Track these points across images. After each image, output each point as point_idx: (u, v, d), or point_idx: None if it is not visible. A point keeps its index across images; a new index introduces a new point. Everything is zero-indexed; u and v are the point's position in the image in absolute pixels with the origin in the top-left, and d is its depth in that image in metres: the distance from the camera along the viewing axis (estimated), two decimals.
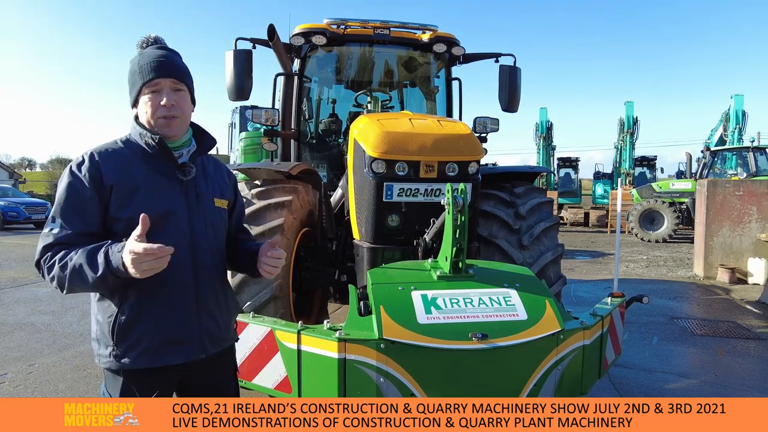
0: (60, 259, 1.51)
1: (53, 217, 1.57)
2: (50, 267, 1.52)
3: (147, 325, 1.60)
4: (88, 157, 1.59)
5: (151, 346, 1.61)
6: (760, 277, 8.10)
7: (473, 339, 2.19)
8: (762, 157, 14.58)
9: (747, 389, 4.04)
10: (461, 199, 2.49)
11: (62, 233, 1.55)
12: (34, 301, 6.91)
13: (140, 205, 1.57)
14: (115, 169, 1.59)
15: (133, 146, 1.67)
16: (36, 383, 4.06)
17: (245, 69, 4.12)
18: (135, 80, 1.66)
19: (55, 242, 1.54)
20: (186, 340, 1.67)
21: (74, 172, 1.58)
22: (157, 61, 1.65)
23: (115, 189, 1.58)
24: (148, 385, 1.65)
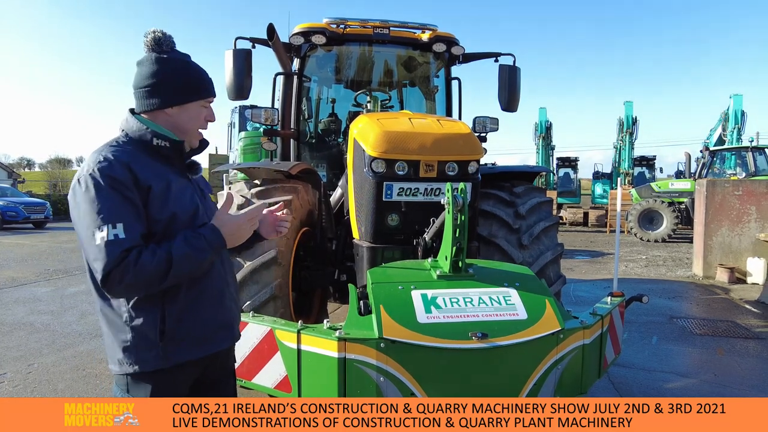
0: (150, 258, 1.48)
1: (111, 224, 1.46)
2: (140, 269, 1.46)
3: (196, 317, 1.65)
4: (114, 160, 1.53)
5: (204, 335, 1.68)
6: (759, 276, 8.11)
7: (473, 338, 2.20)
8: (761, 157, 14.60)
9: (746, 388, 4.04)
10: (461, 199, 2.49)
11: (131, 237, 1.49)
12: (33, 301, 6.90)
13: (175, 204, 1.61)
14: (145, 170, 1.58)
15: (142, 146, 1.64)
16: (35, 383, 4.05)
17: (245, 68, 4.11)
18: (188, 91, 1.69)
19: (128, 246, 1.47)
20: (229, 324, 1.80)
21: (110, 175, 1.51)
22: (209, 80, 1.77)
23: (152, 190, 1.57)
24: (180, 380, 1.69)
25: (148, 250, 1.50)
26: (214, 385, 1.85)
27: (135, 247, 1.49)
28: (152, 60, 1.66)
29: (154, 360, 1.59)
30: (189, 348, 1.64)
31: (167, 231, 1.58)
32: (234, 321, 1.84)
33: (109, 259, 1.44)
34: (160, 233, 1.57)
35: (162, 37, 1.67)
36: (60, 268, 9.52)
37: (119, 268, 1.45)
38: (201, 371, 1.77)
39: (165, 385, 1.64)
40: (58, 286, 7.81)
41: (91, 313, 5.99)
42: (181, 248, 1.53)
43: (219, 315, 1.73)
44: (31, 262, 10.40)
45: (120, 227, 1.47)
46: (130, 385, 1.63)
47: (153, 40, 1.66)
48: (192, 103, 1.71)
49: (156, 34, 1.67)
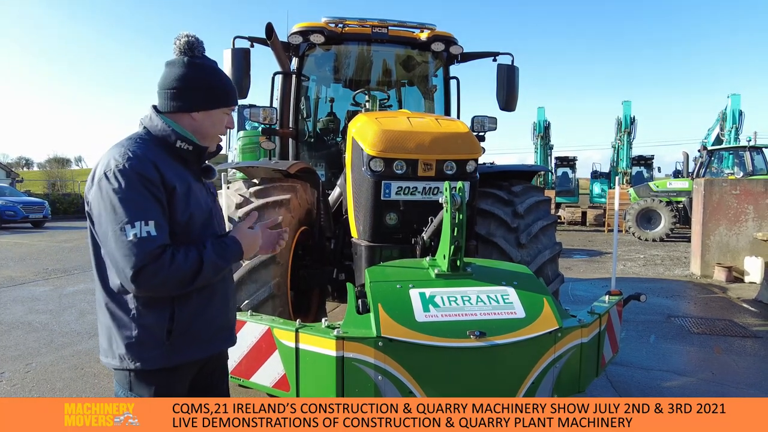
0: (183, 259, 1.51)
1: (144, 221, 1.46)
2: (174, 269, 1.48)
3: (203, 319, 1.68)
4: (143, 157, 1.53)
5: (207, 336, 1.70)
6: (757, 275, 8.12)
7: (471, 337, 2.20)
8: (758, 157, 14.63)
9: (744, 387, 4.06)
10: (459, 198, 2.49)
11: (162, 235, 1.50)
12: (32, 300, 6.89)
13: (194, 206, 1.64)
14: (169, 171, 1.59)
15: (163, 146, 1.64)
16: (33, 382, 4.05)
17: (243, 68, 4.11)
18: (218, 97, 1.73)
19: (161, 244, 1.49)
20: (230, 327, 1.84)
21: (140, 173, 1.50)
22: (234, 89, 1.81)
23: (176, 191, 1.58)
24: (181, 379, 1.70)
25: (180, 251, 1.52)
26: (209, 385, 1.86)
27: (168, 246, 1.51)
28: (184, 63, 1.68)
29: (158, 358, 1.60)
30: (193, 349, 1.66)
31: (185, 233, 1.61)
32: (233, 324, 1.88)
33: (143, 255, 1.45)
34: (179, 235, 1.59)
35: (195, 42, 1.70)
36: (58, 268, 9.50)
37: (153, 265, 1.46)
38: (197, 370, 1.77)
39: (168, 383, 1.65)
40: (56, 286, 7.80)
41: (90, 313, 5.99)
42: (210, 255, 1.58)
43: (224, 317, 1.78)
44: (29, 261, 10.38)
45: (152, 224, 1.48)
46: (133, 382, 1.63)
47: (186, 43, 1.68)
48: (217, 110, 1.73)
49: (189, 39, 1.69)
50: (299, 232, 3.67)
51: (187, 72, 1.67)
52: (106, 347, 1.64)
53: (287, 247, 3.43)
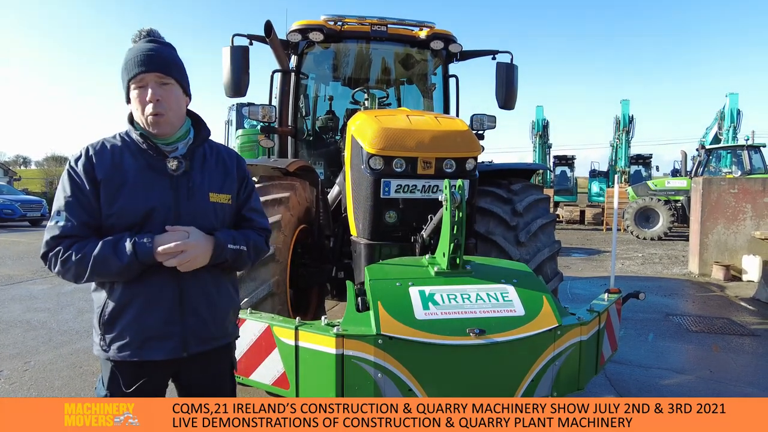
0: (77, 250, 1.57)
1: (58, 211, 1.60)
2: (65, 259, 1.57)
3: (129, 320, 1.64)
4: (84, 152, 1.65)
5: (134, 340, 1.64)
6: (755, 274, 8.14)
7: (471, 334, 2.20)
8: (756, 156, 14.68)
9: (742, 385, 4.07)
10: (459, 195, 2.49)
11: (68, 225, 1.59)
12: (30, 299, 6.87)
13: (126, 200, 1.63)
14: (106, 163, 1.64)
15: (128, 140, 1.70)
16: (32, 381, 4.04)
17: (242, 65, 4.10)
18: (123, 76, 1.66)
19: (62, 234, 1.59)
20: (166, 338, 1.66)
21: (72, 167, 1.63)
22: (143, 55, 1.61)
23: (103, 184, 1.62)
24: (133, 377, 1.68)
25: (79, 244, 1.58)
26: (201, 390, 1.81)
27: (71, 237, 1.59)
28: None
29: (98, 346, 1.68)
30: (120, 347, 1.64)
31: (116, 225, 1.63)
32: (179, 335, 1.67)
33: (45, 244, 1.60)
34: (108, 226, 1.63)
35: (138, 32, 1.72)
36: None
37: (52, 254, 1.59)
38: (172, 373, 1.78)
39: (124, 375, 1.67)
40: (54, 284, 7.78)
41: (88, 311, 5.97)
42: (103, 250, 1.57)
43: (153, 324, 1.64)
44: (27, 259, 10.35)
45: (63, 216, 1.60)
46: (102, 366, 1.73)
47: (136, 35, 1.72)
48: (128, 92, 1.67)
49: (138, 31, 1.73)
50: (298, 230, 3.67)
51: None
52: None
53: (286, 246, 3.43)
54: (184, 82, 1.73)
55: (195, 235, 1.64)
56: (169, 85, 1.65)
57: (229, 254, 1.72)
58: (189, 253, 1.61)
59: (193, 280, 1.68)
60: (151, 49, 1.64)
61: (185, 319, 1.67)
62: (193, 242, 1.62)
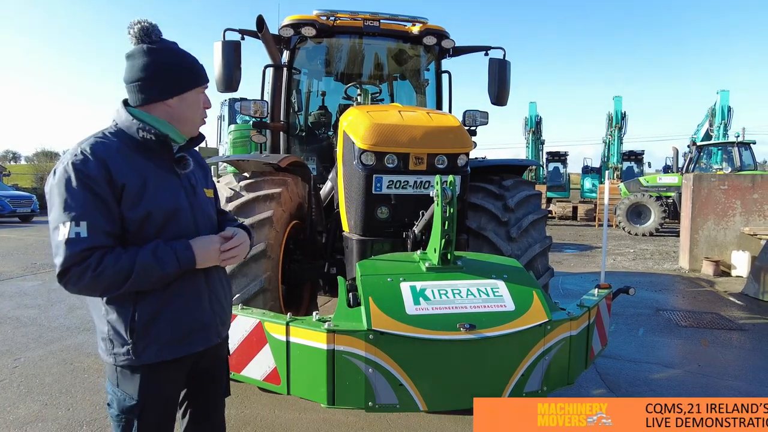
0: (113, 262, 1.46)
1: (75, 220, 1.43)
2: (99, 272, 1.44)
3: (168, 318, 1.61)
4: (90, 154, 1.50)
5: (175, 337, 1.63)
6: (743, 269, 8.24)
7: (461, 329, 2.21)
8: (746, 152, 14.83)
9: (729, 379, 4.12)
10: (450, 191, 2.50)
11: (94, 236, 1.45)
12: (20, 295, 6.82)
13: (151, 202, 1.56)
14: (122, 165, 1.53)
15: (126, 139, 1.60)
16: (22, 377, 4.02)
17: (234, 60, 4.08)
18: (184, 79, 1.65)
19: (90, 246, 1.44)
20: (205, 327, 1.72)
21: (82, 170, 1.47)
22: (202, 66, 1.73)
23: (126, 188, 1.52)
24: (170, 376, 1.67)
25: (112, 254, 1.47)
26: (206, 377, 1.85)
27: (99, 248, 1.46)
28: (144, 51, 1.61)
29: (126, 356, 1.58)
30: (160, 349, 1.60)
31: (142, 230, 1.55)
32: (213, 323, 1.76)
33: (68, 257, 1.43)
34: (133, 232, 1.55)
35: (149, 27, 1.62)
36: (47, 262, 9.41)
37: (79, 268, 1.43)
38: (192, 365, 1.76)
39: (151, 380, 1.62)
40: (45, 280, 7.72)
41: (80, 307, 5.94)
42: (146, 258, 1.50)
43: (194, 317, 1.68)
44: (17, 256, 10.26)
45: (84, 225, 1.44)
46: (119, 378, 1.62)
47: (141, 30, 1.61)
48: (190, 92, 1.68)
49: (143, 25, 1.61)
50: (290, 226, 3.66)
51: (151, 59, 1.60)
52: (98, 341, 1.66)
53: (278, 242, 3.42)
54: None
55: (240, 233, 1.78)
56: None
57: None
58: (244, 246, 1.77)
59: (215, 270, 1.77)
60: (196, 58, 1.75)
61: (214, 308, 1.75)
62: (244, 237, 1.78)
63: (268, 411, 3.43)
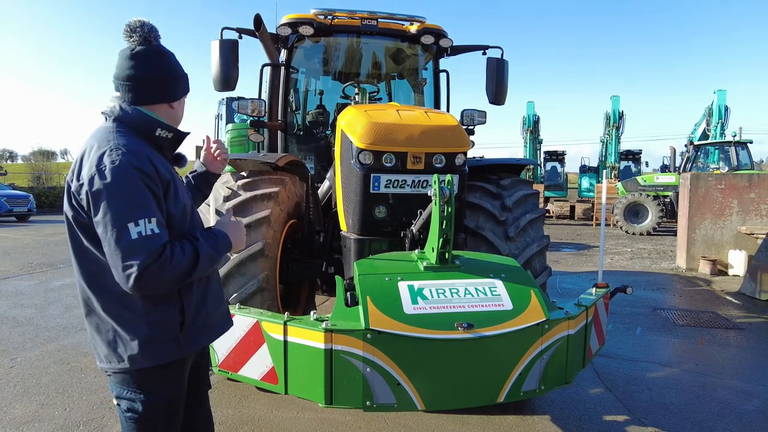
0: (182, 254, 1.49)
1: (147, 218, 1.42)
2: (175, 264, 1.46)
3: (207, 307, 1.73)
4: (135, 153, 1.48)
5: (215, 323, 1.78)
6: (740, 268, 8.26)
7: (459, 329, 2.21)
8: (743, 152, 14.86)
9: (725, 377, 4.13)
10: (448, 190, 2.49)
11: (162, 230, 1.47)
12: (16, 295, 6.80)
13: (182, 198, 1.65)
14: (160, 164, 1.58)
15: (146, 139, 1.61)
16: (18, 377, 4.00)
17: (231, 59, 4.07)
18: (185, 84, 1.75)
19: (163, 242, 1.45)
20: (228, 311, 1.93)
21: (141, 169, 1.46)
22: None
23: (170, 184, 1.59)
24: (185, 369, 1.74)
25: (177, 246, 1.51)
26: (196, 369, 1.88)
27: (167, 244, 1.47)
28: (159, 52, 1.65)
29: (171, 352, 1.61)
30: (202, 336, 1.73)
31: (179, 226, 1.62)
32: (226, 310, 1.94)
33: (148, 254, 1.40)
34: (175, 228, 1.59)
35: (154, 28, 1.66)
36: (44, 262, 9.38)
37: (157, 264, 1.42)
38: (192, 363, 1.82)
39: (176, 375, 1.69)
40: (42, 280, 7.70)
41: (76, 307, 5.92)
42: (204, 247, 1.59)
43: (222, 303, 1.86)
44: (14, 255, 10.23)
45: (155, 222, 1.44)
46: (139, 381, 1.60)
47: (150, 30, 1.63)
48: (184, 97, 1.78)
49: (146, 25, 1.63)
50: (288, 225, 3.66)
51: (165, 61, 1.66)
52: (107, 352, 1.57)
53: (276, 241, 3.42)
54: None
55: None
56: None
57: None
58: None
59: None
60: None
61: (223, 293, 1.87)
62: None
63: (266, 410, 3.43)
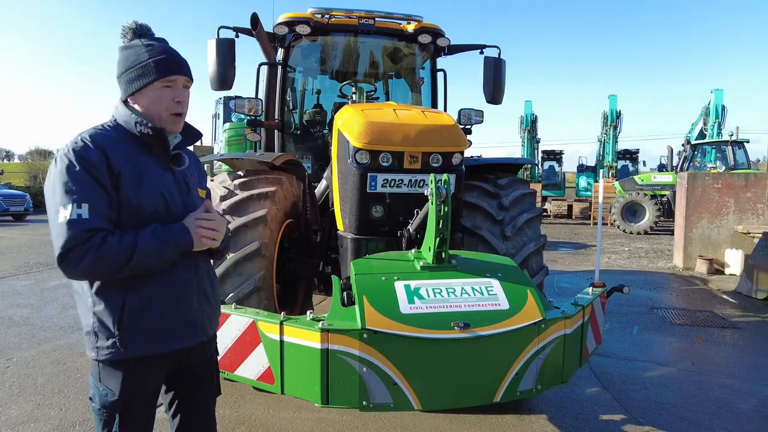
0: (116, 242, 1.48)
1: (77, 202, 1.46)
2: (103, 252, 1.46)
3: (157, 311, 1.61)
4: (89, 141, 1.54)
5: (163, 330, 1.63)
6: (737, 267, 8.29)
7: (455, 328, 2.21)
8: (740, 151, 14.92)
9: (722, 376, 4.14)
10: (444, 190, 2.49)
11: (96, 219, 1.47)
12: (12, 295, 6.77)
13: (145, 194, 1.60)
14: (119, 155, 1.57)
15: (124, 133, 1.64)
16: (14, 377, 3.99)
17: (228, 58, 4.06)
18: (144, 72, 1.65)
19: (92, 227, 1.46)
20: (194, 323, 1.72)
21: (83, 156, 1.50)
22: (174, 57, 1.69)
23: (123, 176, 1.55)
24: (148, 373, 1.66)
25: (114, 235, 1.50)
26: (194, 376, 1.84)
27: (100, 230, 1.48)
28: (127, 46, 1.69)
29: (110, 350, 1.57)
30: (146, 342, 1.60)
31: (135, 220, 1.58)
32: (200, 320, 1.75)
33: (70, 238, 1.44)
34: (127, 222, 1.57)
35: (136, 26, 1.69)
36: (40, 261, 9.34)
37: (80, 248, 1.45)
38: (175, 363, 1.75)
39: (134, 376, 1.62)
40: (38, 280, 7.67)
41: (73, 307, 5.90)
42: (147, 239, 1.53)
43: (182, 312, 1.67)
44: (10, 255, 10.19)
45: (85, 207, 1.47)
46: (101, 373, 1.63)
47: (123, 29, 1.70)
48: (148, 87, 1.65)
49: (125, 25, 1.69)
50: (285, 224, 3.65)
51: (119, 57, 1.68)
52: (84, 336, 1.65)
53: (273, 240, 3.41)
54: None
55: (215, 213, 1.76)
56: (188, 88, 1.75)
57: (227, 237, 1.85)
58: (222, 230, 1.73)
59: (202, 265, 1.77)
60: (177, 52, 1.72)
61: (201, 304, 1.75)
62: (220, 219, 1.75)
63: (262, 410, 3.42)
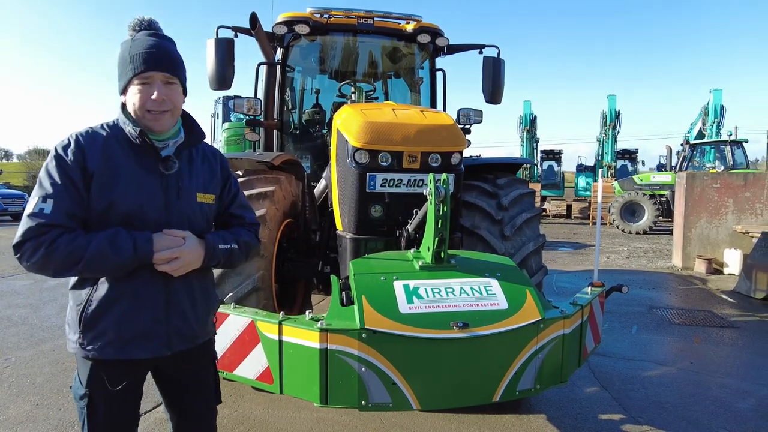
0: (68, 241, 1.47)
1: (44, 197, 1.48)
2: (52, 249, 1.46)
3: (113, 319, 1.58)
4: (73, 141, 1.56)
5: (117, 339, 1.59)
6: (735, 267, 8.30)
7: (454, 328, 2.21)
8: (739, 151, 14.95)
9: (720, 376, 4.15)
10: (443, 189, 2.49)
11: (57, 214, 1.48)
12: (11, 294, 6.76)
13: (118, 196, 1.57)
14: (98, 155, 1.56)
15: (119, 133, 1.64)
16: (12, 377, 3.98)
17: (227, 58, 4.06)
18: (125, 69, 1.61)
19: (50, 222, 1.47)
20: (151, 337, 1.64)
21: (60, 154, 1.53)
22: (150, 52, 1.60)
23: (95, 177, 1.54)
24: (117, 375, 1.64)
25: (69, 235, 1.50)
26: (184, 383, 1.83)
27: (57, 227, 1.48)
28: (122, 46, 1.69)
29: (74, 345, 1.62)
30: (103, 346, 1.58)
31: (105, 220, 1.56)
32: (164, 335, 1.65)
33: (27, 230, 1.47)
34: (96, 222, 1.56)
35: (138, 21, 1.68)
36: None
37: (34, 242, 1.47)
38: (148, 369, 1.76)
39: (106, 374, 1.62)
40: (36, 279, 7.65)
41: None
42: (100, 244, 1.50)
43: (140, 324, 1.61)
44: (8, 254, 10.16)
45: (50, 203, 1.49)
46: (78, 364, 1.67)
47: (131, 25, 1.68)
48: (129, 85, 1.62)
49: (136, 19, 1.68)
50: (284, 224, 3.64)
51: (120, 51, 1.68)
52: None
53: (272, 240, 3.41)
54: (184, 80, 1.72)
55: (190, 241, 1.65)
56: (173, 84, 1.65)
57: (221, 254, 1.75)
58: (183, 260, 1.62)
59: (180, 280, 1.67)
60: (158, 46, 1.63)
61: (170, 319, 1.66)
62: (187, 249, 1.63)
63: (261, 410, 3.42)
